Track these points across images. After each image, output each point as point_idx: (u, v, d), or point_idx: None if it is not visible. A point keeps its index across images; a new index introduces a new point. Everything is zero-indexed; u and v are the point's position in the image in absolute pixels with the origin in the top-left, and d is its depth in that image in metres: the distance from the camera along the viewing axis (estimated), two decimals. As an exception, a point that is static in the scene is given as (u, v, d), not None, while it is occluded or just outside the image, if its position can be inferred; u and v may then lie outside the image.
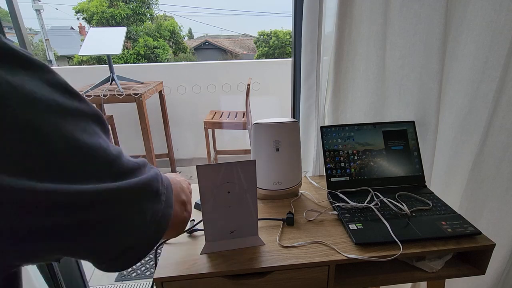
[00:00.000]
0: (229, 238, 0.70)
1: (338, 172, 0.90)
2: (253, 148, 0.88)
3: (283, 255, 0.67)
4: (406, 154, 0.92)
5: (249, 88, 2.34)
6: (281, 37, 13.91)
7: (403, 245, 0.67)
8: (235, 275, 0.64)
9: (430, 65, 0.89)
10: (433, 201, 0.82)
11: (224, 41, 16.94)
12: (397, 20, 0.89)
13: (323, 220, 0.79)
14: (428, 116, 0.94)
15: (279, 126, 0.85)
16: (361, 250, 0.67)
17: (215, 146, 2.82)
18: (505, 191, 0.97)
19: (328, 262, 0.65)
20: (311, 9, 0.93)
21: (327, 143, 0.91)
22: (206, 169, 0.62)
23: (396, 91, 0.97)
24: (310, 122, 1.07)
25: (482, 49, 0.87)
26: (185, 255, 0.68)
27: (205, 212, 0.66)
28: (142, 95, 2.12)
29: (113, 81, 2.26)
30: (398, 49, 0.92)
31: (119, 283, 1.58)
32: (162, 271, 0.63)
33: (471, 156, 0.97)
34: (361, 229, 0.72)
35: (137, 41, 11.31)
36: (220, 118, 2.49)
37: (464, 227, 0.71)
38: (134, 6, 11.76)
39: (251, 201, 0.67)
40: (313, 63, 0.99)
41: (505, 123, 0.91)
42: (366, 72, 0.96)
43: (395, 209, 0.78)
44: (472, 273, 0.72)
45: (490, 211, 1.00)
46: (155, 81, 2.61)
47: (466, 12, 0.87)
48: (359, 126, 0.92)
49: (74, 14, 11.47)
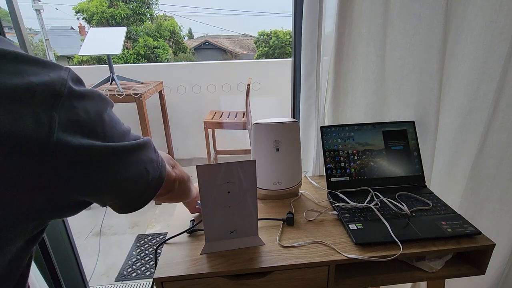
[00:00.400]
0: (229, 238, 0.70)
1: (338, 172, 0.90)
2: (253, 148, 0.88)
3: (283, 255, 0.67)
4: (406, 154, 0.92)
5: (249, 88, 2.34)
6: (281, 37, 13.91)
7: (403, 245, 0.67)
8: (235, 275, 0.64)
9: (430, 65, 0.89)
10: (433, 201, 0.82)
11: (224, 41, 16.94)
12: (397, 20, 0.89)
13: (323, 220, 0.79)
14: (428, 116, 0.94)
15: (279, 126, 0.85)
16: (361, 250, 0.67)
17: (215, 146, 2.82)
18: (505, 191, 0.96)
19: (328, 262, 0.65)
20: (311, 9, 0.93)
21: (327, 143, 0.91)
22: (206, 169, 0.62)
23: (396, 91, 0.97)
24: (310, 122, 1.07)
25: (482, 49, 0.87)
26: (185, 255, 0.68)
27: (205, 212, 0.66)
28: (142, 95, 2.12)
29: (113, 81, 2.26)
30: (398, 49, 0.92)
31: (119, 283, 1.58)
32: (162, 271, 0.63)
33: (471, 156, 0.97)
34: (361, 229, 0.72)
35: (137, 41, 11.31)
36: (220, 118, 2.49)
37: (464, 227, 0.71)
38: (134, 6, 11.76)
39: (251, 201, 0.67)
40: (313, 63, 0.99)
41: (505, 123, 0.91)
42: (366, 72, 0.96)
43: (395, 209, 0.78)
44: (472, 273, 0.72)
45: (490, 211, 1.00)
46: (155, 81, 2.61)
47: (466, 12, 0.87)
48: (359, 126, 0.92)
49: (74, 14, 11.47)
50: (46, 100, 0.32)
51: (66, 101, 0.33)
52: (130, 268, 1.70)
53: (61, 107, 0.33)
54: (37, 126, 0.31)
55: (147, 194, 0.46)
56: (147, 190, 0.46)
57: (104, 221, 2.13)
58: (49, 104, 0.32)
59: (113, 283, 1.59)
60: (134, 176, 0.42)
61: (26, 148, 0.30)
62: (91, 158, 0.36)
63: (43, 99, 0.31)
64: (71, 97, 0.34)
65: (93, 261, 1.72)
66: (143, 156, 0.44)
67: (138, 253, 1.82)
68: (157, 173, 0.46)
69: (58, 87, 0.33)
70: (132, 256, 1.79)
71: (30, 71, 0.32)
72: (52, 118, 0.32)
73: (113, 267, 1.71)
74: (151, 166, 0.45)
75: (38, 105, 0.31)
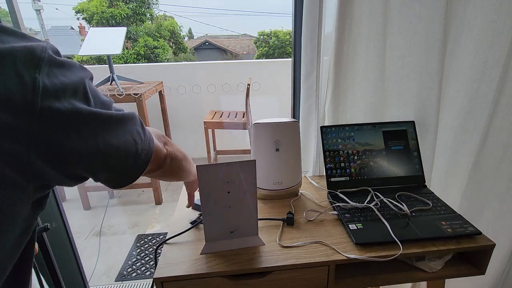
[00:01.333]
0: (229, 238, 0.70)
1: (338, 172, 0.90)
2: (253, 148, 0.88)
3: (283, 255, 0.67)
4: (406, 154, 0.92)
5: (249, 88, 2.34)
6: (281, 37, 13.89)
7: (403, 245, 0.67)
8: (235, 275, 0.64)
9: (430, 65, 0.89)
10: (433, 201, 0.82)
11: (224, 41, 16.93)
12: (397, 20, 0.89)
13: (323, 220, 0.79)
14: (428, 116, 0.94)
15: (279, 126, 0.85)
16: (361, 250, 0.67)
17: (215, 146, 2.82)
18: (505, 191, 0.96)
19: (328, 262, 0.65)
20: (311, 9, 0.93)
21: (327, 143, 0.91)
22: (206, 169, 0.62)
23: (396, 91, 0.97)
24: (310, 122, 1.07)
25: (482, 49, 0.87)
26: (185, 255, 0.68)
27: (205, 212, 0.66)
28: (142, 95, 2.12)
29: (113, 81, 2.25)
30: (398, 49, 0.92)
31: (119, 283, 1.58)
32: (162, 271, 0.63)
33: (471, 156, 0.97)
34: (361, 229, 0.72)
35: (137, 41, 11.30)
36: (220, 118, 2.49)
37: (464, 227, 0.71)
38: (134, 6, 11.74)
39: (251, 201, 0.67)
40: (313, 63, 0.99)
41: (505, 123, 0.91)
42: (366, 72, 0.96)
43: (395, 209, 0.78)
44: (472, 273, 0.72)
45: (490, 211, 0.99)
46: (155, 81, 2.61)
47: (466, 12, 0.87)
48: (359, 126, 0.92)
49: (74, 14, 11.46)
50: (27, 62, 0.33)
51: (47, 66, 0.34)
52: (130, 268, 1.70)
53: (42, 71, 0.34)
54: (21, 86, 0.32)
55: (138, 165, 0.46)
56: (137, 161, 0.45)
57: (104, 221, 2.13)
58: (31, 66, 0.33)
59: (113, 283, 1.59)
60: (123, 144, 0.42)
61: (12, 106, 0.31)
62: (77, 123, 0.36)
63: (25, 61, 0.33)
64: (51, 64, 0.35)
65: (93, 261, 1.72)
66: (130, 128, 0.44)
67: (138, 253, 1.82)
68: (145, 145, 0.46)
69: (39, 53, 0.34)
70: (132, 256, 1.79)
71: (11, 40, 0.33)
72: (35, 80, 0.33)
73: (113, 267, 1.71)
74: (139, 137, 0.45)
75: (20, 66, 0.32)
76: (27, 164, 0.33)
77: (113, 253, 1.85)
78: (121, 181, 0.46)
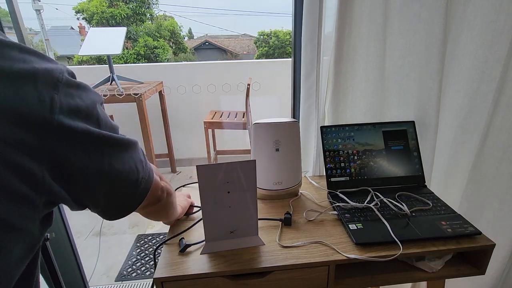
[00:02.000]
0: (229, 238, 0.70)
1: (338, 172, 0.90)
2: (253, 148, 0.88)
3: (283, 255, 0.67)
4: (406, 154, 0.92)
5: (249, 88, 2.34)
6: (281, 37, 13.89)
7: (403, 245, 0.67)
8: (235, 275, 0.64)
9: (430, 65, 0.89)
10: (433, 201, 0.82)
11: (224, 41, 16.92)
12: (397, 20, 0.89)
13: (323, 220, 0.79)
14: (428, 116, 0.94)
15: (279, 126, 0.85)
16: (361, 250, 0.67)
17: (215, 146, 2.82)
18: (505, 191, 0.96)
19: (328, 262, 0.65)
20: (311, 9, 0.93)
21: (327, 143, 0.91)
22: (206, 169, 0.62)
23: (396, 91, 0.97)
24: (310, 122, 1.07)
25: (482, 49, 0.87)
26: (185, 255, 0.68)
27: (205, 212, 0.66)
28: (142, 95, 2.12)
29: (113, 81, 2.26)
30: (398, 49, 0.92)
31: (119, 283, 1.58)
32: (162, 271, 0.63)
33: (471, 156, 0.97)
34: (361, 229, 0.72)
35: (137, 41, 11.29)
36: (220, 118, 2.49)
37: (464, 227, 0.71)
38: (134, 6, 11.74)
39: (251, 201, 0.67)
40: (313, 63, 0.99)
41: (505, 123, 0.91)
42: (366, 72, 0.96)
43: (395, 209, 0.78)
44: (472, 273, 0.72)
45: (490, 211, 0.99)
46: (155, 81, 2.61)
47: (466, 12, 0.87)
48: (359, 126, 0.92)
49: (74, 14, 11.45)
50: (47, 82, 0.35)
51: (65, 87, 0.37)
52: (130, 268, 1.70)
53: (60, 91, 0.36)
54: (40, 103, 0.34)
55: (136, 194, 0.46)
56: (137, 189, 0.46)
57: (104, 221, 2.13)
58: (50, 86, 0.36)
59: (113, 283, 1.59)
60: (126, 170, 0.43)
61: (29, 122, 0.33)
62: (87, 142, 0.39)
63: (45, 81, 0.35)
64: (68, 85, 0.38)
65: (93, 261, 1.72)
66: (133, 154, 0.45)
67: (138, 253, 1.82)
68: (146, 174, 0.47)
69: (57, 74, 0.37)
70: (132, 256, 1.79)
71: (33, 60, 0.36)
72: (53, 99, 0.35)
73: (113, 267, 1.71)
74: (141, 166, 0.46)
75: (40, 85, 0.35)
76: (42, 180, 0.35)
77: (113, 253, 1.85)
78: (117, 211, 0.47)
